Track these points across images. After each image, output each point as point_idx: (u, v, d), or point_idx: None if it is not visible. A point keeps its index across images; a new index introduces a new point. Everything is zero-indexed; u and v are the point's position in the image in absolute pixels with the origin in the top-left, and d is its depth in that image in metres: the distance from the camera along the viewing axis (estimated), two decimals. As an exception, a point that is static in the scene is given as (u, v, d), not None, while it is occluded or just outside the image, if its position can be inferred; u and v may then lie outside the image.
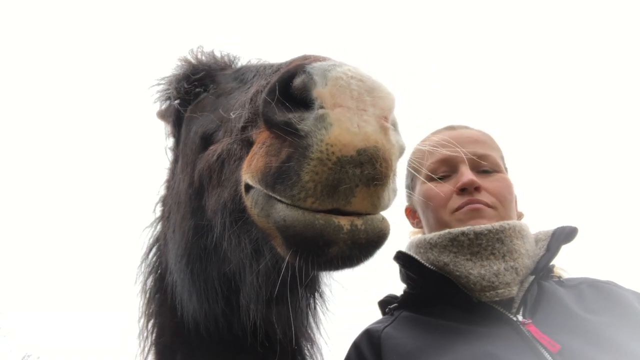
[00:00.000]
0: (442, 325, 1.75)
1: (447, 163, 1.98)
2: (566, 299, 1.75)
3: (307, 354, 1.82)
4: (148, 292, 1.93)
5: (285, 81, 1.10)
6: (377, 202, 1.08)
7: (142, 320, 1.89)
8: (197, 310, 1.58)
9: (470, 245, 1.78)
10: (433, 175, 2.02)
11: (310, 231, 1.04)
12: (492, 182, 1.94)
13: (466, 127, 2.16)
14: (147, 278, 1.96)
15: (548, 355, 1.50)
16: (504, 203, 1.92)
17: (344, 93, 1.03)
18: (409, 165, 2.17)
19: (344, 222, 1.05)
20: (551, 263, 1.90)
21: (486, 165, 1.97)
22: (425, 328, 1.78)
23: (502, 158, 2.11)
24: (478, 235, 1.78)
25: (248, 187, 1.19)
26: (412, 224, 2.27)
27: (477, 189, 1.89)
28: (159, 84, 2.03)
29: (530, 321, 1.65)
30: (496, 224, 1.82)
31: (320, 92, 1.03)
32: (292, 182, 1.03)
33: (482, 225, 1.81)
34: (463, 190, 1.89)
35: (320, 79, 1.04)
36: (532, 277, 1.79)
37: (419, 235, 2.05)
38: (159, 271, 1.93)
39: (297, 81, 1.08)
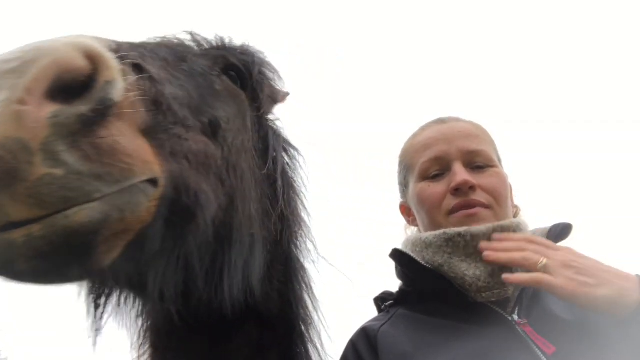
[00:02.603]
0: (439, 324, 1.74)
1: (439, 161, 1.92)
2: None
3: (306, 334, 1.81)
4: None
5: None
6: (33, 201, 0.84)
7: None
8: None
9: (466, 246, 1.75)
10: (427, 161, 1.96)
11: None
12: (487, 179, 1.89)
13: (457, 120, 2.08)
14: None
15: (543, 357, 1.51)
16: (499, 200, 1.87)
17: None
18: (401, 162, 2.13)
19: (17, 235, 0.85)
20: None
21: (479, 161, 1.92)
22: (421, 327, 1.77)
23: (495, 150, 2.07)
24: (474, 237, 1.75)
25: None
26: (408, 221, 2.22)
27: (472, 188, 1.84)
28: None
29: (526, 321, 1.65)
30: (490, 226, 1.78)
31: None
32: None
33: (479, 227, 1.77)
34: (457, 190, 1.84)
35: None
36: None
37: (416, 234, 2.03)
38: None
39: None
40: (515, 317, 1.68)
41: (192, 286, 1.31)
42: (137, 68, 1.13)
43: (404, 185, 2.14)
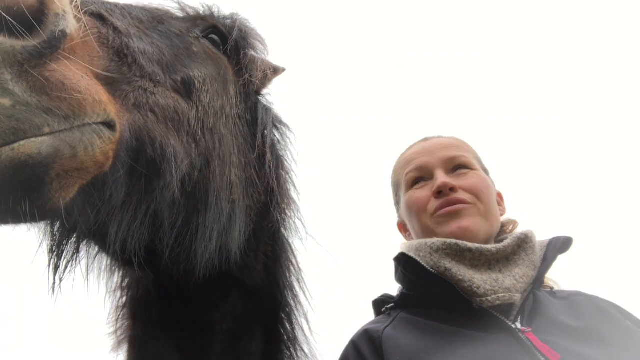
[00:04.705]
0: (443, 329, 1.73)
1: (422, 170, 2.08)
2: (561, 309, 1.74)
3: (293, 315, 1.79)
4: None
5: None
6: None
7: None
8: None
9: (472, 258, 1.79)
10: (411, 171, 2.09)
11: None
12: (467, 180, 2.00)
13: (439, 137, 2.25)
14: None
15: None
16: (480, 197, 1.96)
17: None
18: (392, 183, 2.28)
19: None
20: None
21: (459, 165, 2.06)
22: (426, 330, 1.76)
23: (477, 159, 2.18)
24: (482, 252, 1.79)
25: None
26: (405, 237, 2.31)
27: (453, 189, 1.94)
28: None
29: (529, 329, 1.63)
30: (500, 245, 1.81)
31: None
32: None
33: (487, 246, 1.81)
34: (440, 193, 1.95)
35: None
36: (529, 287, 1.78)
37: (420, 240, 2.02)
38: None
39: None
40: (519, 324, 1.66)
41: (160, 243, 1.28)
42: (100, 18, 1.12)
43: (397, 204, 2.28)
